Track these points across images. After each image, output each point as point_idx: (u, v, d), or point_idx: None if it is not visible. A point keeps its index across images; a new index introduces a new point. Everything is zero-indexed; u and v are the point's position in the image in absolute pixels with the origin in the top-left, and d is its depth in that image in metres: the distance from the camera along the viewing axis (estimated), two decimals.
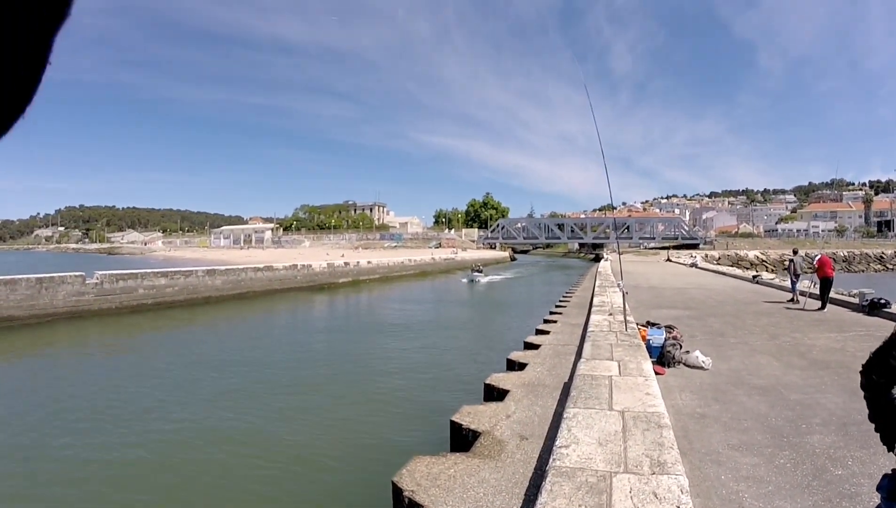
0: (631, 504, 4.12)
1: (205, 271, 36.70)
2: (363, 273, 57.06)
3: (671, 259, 66.41)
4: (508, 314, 32.97)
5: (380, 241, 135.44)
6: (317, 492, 9.07)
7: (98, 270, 30.04)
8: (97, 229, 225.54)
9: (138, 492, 9.26)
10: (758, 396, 8.46)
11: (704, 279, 34.98)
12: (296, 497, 9.01)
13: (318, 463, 10.21)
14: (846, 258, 74.53)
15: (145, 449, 10.94)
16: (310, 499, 8.88)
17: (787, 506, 4.95)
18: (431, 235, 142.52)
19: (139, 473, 10.08)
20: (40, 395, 14.33)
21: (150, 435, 11.76)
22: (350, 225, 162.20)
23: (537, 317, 20.68)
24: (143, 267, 35.63)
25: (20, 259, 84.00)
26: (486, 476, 5.85)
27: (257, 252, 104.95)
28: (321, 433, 11.78)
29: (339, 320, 32.78)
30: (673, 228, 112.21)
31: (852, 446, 6.30)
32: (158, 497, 9.10)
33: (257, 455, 10.52)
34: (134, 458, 10.62)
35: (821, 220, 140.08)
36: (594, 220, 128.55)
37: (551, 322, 17.19)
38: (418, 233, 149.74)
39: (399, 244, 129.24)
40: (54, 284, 26.51)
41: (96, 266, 33.07)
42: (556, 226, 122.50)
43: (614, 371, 8.19)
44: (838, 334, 13.67)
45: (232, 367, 17.67)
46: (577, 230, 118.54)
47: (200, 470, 10.05)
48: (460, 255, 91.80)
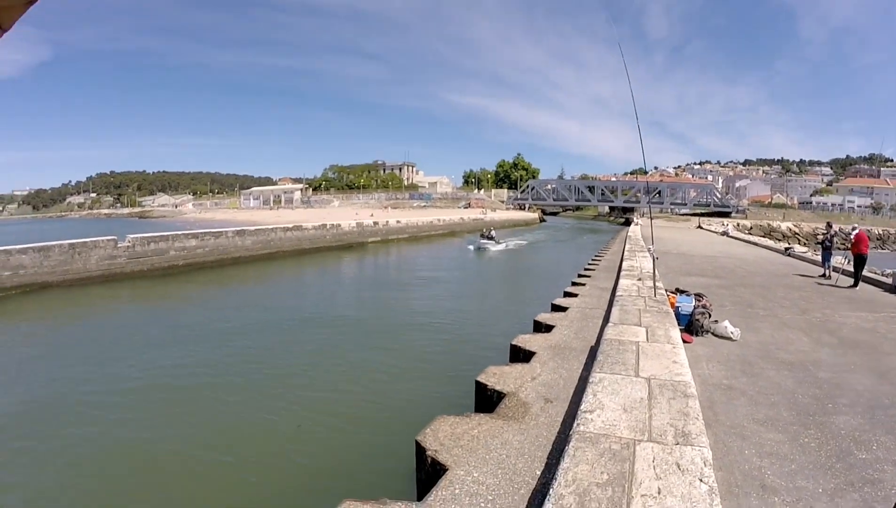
0: (653, 474, 4.12)
1: (234, 231, 37.11)
2: (392, 233, 57.23)
3: (702, 226, 65.72)
4: (535, 278, 32.91)
5: (409, 201, 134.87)
6: (342, 449, 9.21)
7: (130, 233, 30.51)
8: (128, 193, 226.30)
9: (177, 443, 9.56)
10: (786, 371, 8.39)
11: (735, 249, 34.57)
12: (321, 453, 9.17)
13: (344, 421, 10.37)
14: (881, 236, 73.00)
15: (180, 406, 11.26)
16: (335, 456, 9.03)
17: (808, 486, 4.93)
18: (460, 195, 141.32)
19: (179, 424, 10.41)
20: (69, 358, 14.65)
21: (182, 392, 12.08)
22: (379, 185, 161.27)
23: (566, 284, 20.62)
24: (173, 229, 35.97)
25: (52, 227, 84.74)
26: (509, 437, 5.88)
27: (286, 212, 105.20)
28: (347, 391, 11.95)
29: (367, 279, 33.02)
30: (705, 194, 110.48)
31: (878, 430, 6.22)
32: (188, 448, 9.36)
33: (283, 413, 10.73)
34: (173, 412, 10.97)
35: (857, 195, 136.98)
36: (625, 183, 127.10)
37: (579, 285, 17.11)
38: (447, 193, 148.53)
39: (428, 204, 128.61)
40: (87, 248, 27.05)
41: (128, 230, 33.43)
42: (586, 188, 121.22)
43: (642, 337, 8.14)
44: (869, 313, 13.44)
45: (260, 326, 17.93)
46: (608, 193, 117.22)
47: (230, 426, 10.29)
48: (489, 215, 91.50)
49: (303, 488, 8.01)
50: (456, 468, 5.22)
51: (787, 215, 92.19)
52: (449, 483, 4.96)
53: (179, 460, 8.89)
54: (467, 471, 5.15)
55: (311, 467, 8.63)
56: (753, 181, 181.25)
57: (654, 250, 13.91)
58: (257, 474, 8.43)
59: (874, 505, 4.65)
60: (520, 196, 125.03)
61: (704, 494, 3.84)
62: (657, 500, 3.77)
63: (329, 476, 8.39)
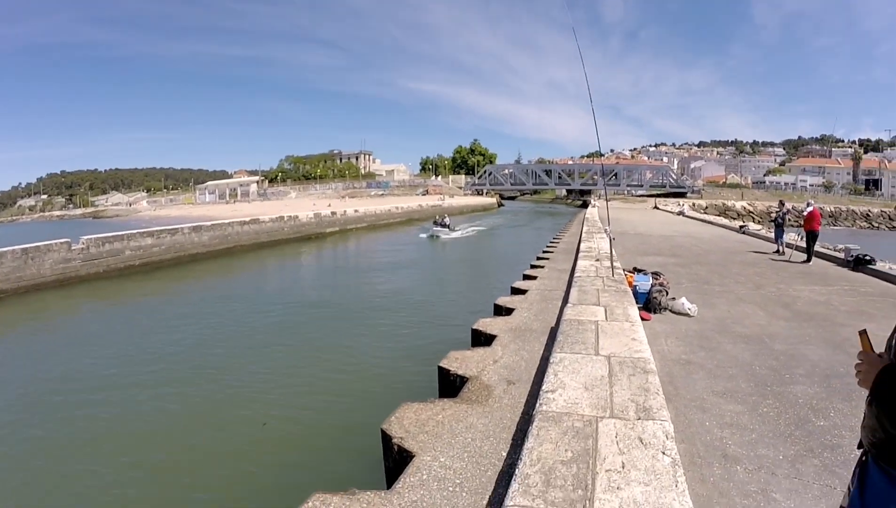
0: (616, 449, 4.15)
1: (190, 227, 36.14)
2: (350, 222, 56.77)
3: (658, 207, 66.62)
4: (495, 262, 33.05)
5: (366, 189, 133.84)
6: (308, 443, 9.15)
7: (84, 235, 29.43)
8: (80, 193, 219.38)
9: (135, 452, 9.35)
10: (742, 344, 8.54)
11: (691, 228, 35.12)
12: (288, 448, 9.08)
13: (309, 414, 10.29)
14: (832, 214, 75.03)
15: (140, 410, 11.04)
16: (302, 450, 8.96)
17: (769, 454, 5.02)
18: (418, 182, 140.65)
19: (137, 432, 10.20)
20: (32, 368, 14.25)
21: (144, 394, 11.86)
22: (336, 174, 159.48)
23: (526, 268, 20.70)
24: (128, 229, 35.07)
25: (2, 232, 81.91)
26: (473, 421, 5.88)
27: (243, 206, 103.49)
28: (311, 384, 11.85)
29: (326, 270, 32.80)
30: (661, 176, 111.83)
31: (835, 398, 6.37)
32: (153, 455, 9.19)
33: (248, 410, 10.58)
34: (131, 417, 10.74)
35: (809, 174, 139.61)
36: (582, 166, 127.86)
37: (538, 268, 17.20)
38: (405, 180, 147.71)
39: (386, 192, 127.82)
40: (40, 253, 25.92)
41: (82, 231, 32.43)
42: (543, 172, 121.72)
43: (601, 316, 8.19)
44: (823, 287, 13.76)
45: (219, 324, 17.63)
46: (565, 176, 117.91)
47: (192, 426, 10.14)
48: (447, 201, 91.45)
49: (272, 483, 7.92)
50: (422, 454, 5.21)
51: (742, 195, 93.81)
52: (416, 469, 4.94)
53: (141, 464, 8.73)
54: (434, 456, 5.14)
55: (279, 462, 8.54)
56: (708, 162, 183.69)
57: (610, 231, 14.04)
58: (224, 473, 8.32)
59: (834, 469, 4.75)
60: (477, 182, 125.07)
61: (668, 466, 3.87)
62: (621, 474, 3.79)
63: (297, 470, 8.32)
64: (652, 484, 3.66)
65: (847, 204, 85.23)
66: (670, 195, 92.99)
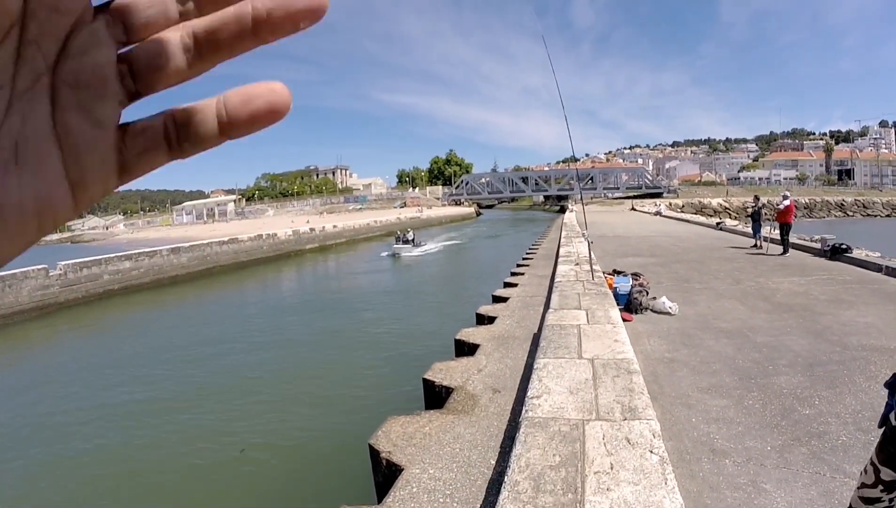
0: (604, 451, 4.14)
1: (169, 249, 35.83)
2: (329, 238, 56.59)
3: (636, 208, 66.91)
4: (476, 272, 33.10)
5: (344, 204, 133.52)
6: (296, 461, 9.07)
7: (61, 260, 29.00)
8: None
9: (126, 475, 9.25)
10: (725, 339, 8.58)
11: (669, 227, 35.32)
12: (275, 466, 9.00)
13: (296, 432, 10.22)
14: (808, 205, 76.14)
15: (127, 434, 10.94)
16: (290, 468, 8.88)
17: (756, 446, 5.04)
18: (396, 194, 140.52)
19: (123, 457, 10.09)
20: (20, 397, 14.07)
21: (134, 416, 11.75)
22: (313, 190, 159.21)
23: (507, 275, 20.70)
24: (106, 253, 34.73)
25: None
26: (460, 431, 5.85)
27: (221, 225, 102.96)
28: (296, 402, 11.78)
29: (307, 288, 32.58)
30: (637, 177, 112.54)
31: (819, 386, 6.41)
32: (140, 479, 9.08)
33: (235, 430, 10.50)
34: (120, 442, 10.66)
35: (782, 168, 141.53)
36: (558, 172, 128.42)
37: (519, 275, 17.23)
38: (382, 194, 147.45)
39: (364, 206, 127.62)
40: (17, 280, 25.41)
41: (59, 257, 32.01)
42: (520, 180, 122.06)
43: (582, 320, 8.20)
44: (801, 277, 13.88)
45: (200, 345, 17.51)
46: (542, 183, 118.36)
47: (179, 448, 10.03)
48: (426, 213, 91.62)
49: (262, 505, 7.85)
50: (411, 466, 5.19)
51: (717, 192, 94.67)
52: (406, 482, 4.93)
53: (127, 489, 8.62)
54: (423, 469, 5.12)
55: (268, 483, 8.45)
56: (683, 162, 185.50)
57: (588, 235, 14.08)
58: (212, 494, 8.23)
59: (822, 456, 4.78)
60: (454, 192, 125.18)
61: (656, 464, 3.87)
62: (610, 475, 3.79)
63: (287, 489, 8.23)
64: (641, 483, 3.65)
65: (821, 195, 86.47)
66: (647, 196, 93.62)
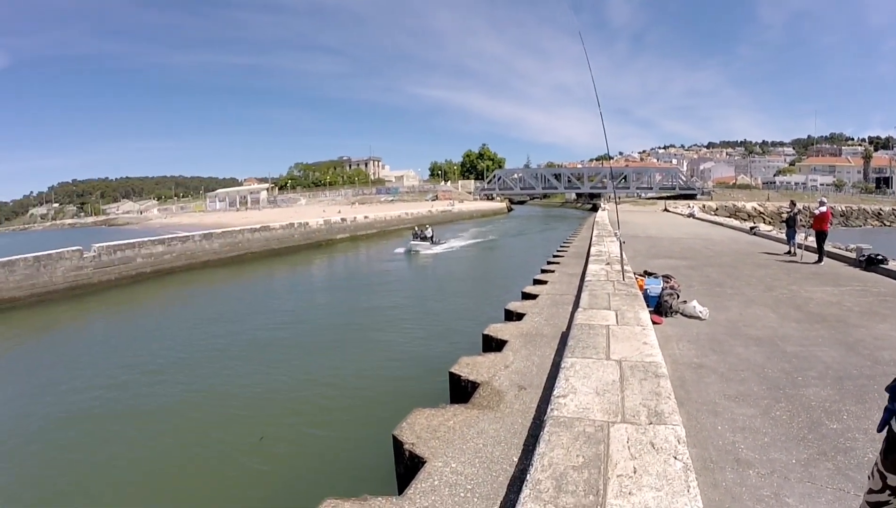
0: (628, 454, 4.14)
1: (201, 235, 36.67)
2: (360, 229, 57.01)
3: (668, 209, 66.29)
4: (507, 268, 33.03)
5: (376, 195, 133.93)
6: (320, 448, 9.21)
7: (96, 242, 29.80)
8: (92, 202, 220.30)
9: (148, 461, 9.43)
10: (754, 347, 8.50)
11: (702, 230, 34.95)
12: (298, 453, 9.12)
13: (321, 419, 10.37)
14: (843, 213, 74.58)
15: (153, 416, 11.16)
16: (313, 455, 9.00)
17: (781, 458, 5.00)
18: (427, 187, 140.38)
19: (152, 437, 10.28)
20: (45, 377, 14.37)
21: (157, 400, 11.99)
22: (345, 181, 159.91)
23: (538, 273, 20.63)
24: (140, 236, 35.37)
25: (14, 241, 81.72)
26: (484, 426, 5.89)
27: (253, 213, 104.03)
28: (323, 389, 11.92)
29: (337, 277, 32.87)
30: (670, 178, 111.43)
31: (848, 400, 6.32)
32: (170, 455, 9.28)
33: (260, 415, 10.66)
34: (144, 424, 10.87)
35: (819, 173, 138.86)
36: (591, 170, 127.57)
37: (549, 272, 17.18)
38: (414, 186, 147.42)
39: (395, 198, 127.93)
40: (52, 261, 26.30)
41: (94, 239, 32.71)
42: (552, 176, 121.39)
43: (612, 321, 8.16)
44: (834, 287, 13.65)
45: (232, 330, 17.81)
46: (574, 180, 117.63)
47: (206, 430, 10.23)
48: (457, 207, 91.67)
49: (284, 489, 7.95)
50: (434, 459, 5.23)
51: (752, 196, 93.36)
52: (428, 475, 4.97)
53: (154, 480, 8.78)
54: (445, 462, 5.16)
55: (291, 468, 8.57)
56: (717, 163, 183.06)
57: (620, 235, 14.02)
58: (236, 479, 8.36)
59: (848, 473, 4.72)
60: (486, 186, 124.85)
61: (679, 471, 3.86)
62: (633, 479, 3.79)
63: (309, 475, 8.35)
64: (664, 490, 3.65)
65: (858, 203, 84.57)
66: (680, 197, 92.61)
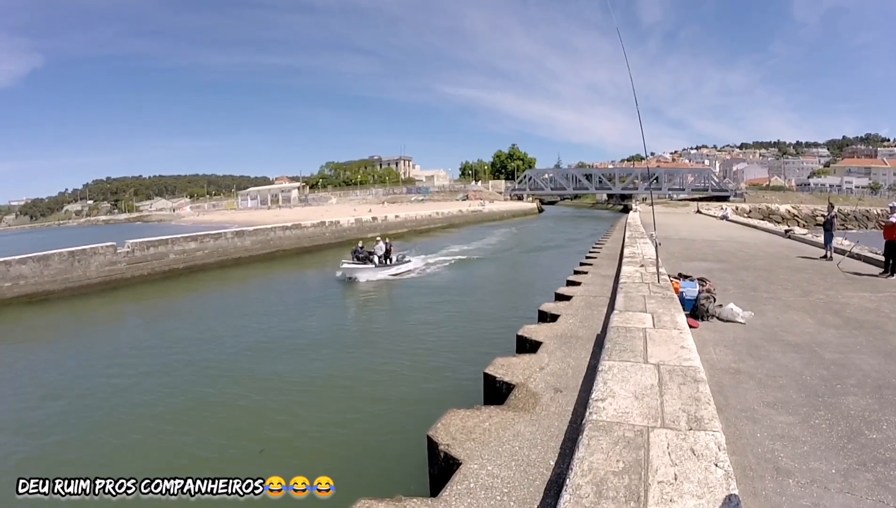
0: (668, 461, 4.14)
1: (233, 232, 37.25)
2: (391, 227, 57.22)
3: (701, 211, 65.73)
4: (541, 269, 32.95)
5: (406, 195, 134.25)
6: (354, 447, 9.26)
7: (129, 239, 30.51)
8: (125, 199, 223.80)
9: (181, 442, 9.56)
10: (792, 353, 8.39)
11: (735, 232, 34.62)
12: (333, 451, 9.20)
13: (355, 418, 10.43)
14: (880, 216, 73.24)
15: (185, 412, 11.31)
16: (347, 454, 9.06)
17: (821, 468, 4.94)
18: (458, 187, 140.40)
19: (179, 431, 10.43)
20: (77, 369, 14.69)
21: (188, 395, 12.16)
22: (376, 180, 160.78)
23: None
24: (172, 233, 35.98)
25: (50, 236, 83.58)
26: (520, 429, 5.88)
27: (284, 211, 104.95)
28: (357, 388, 12.00)
29: None
30: (703, 179, 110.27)
31: (888, 410, 6.22)
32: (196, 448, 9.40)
33: (295, 413, 10.74)
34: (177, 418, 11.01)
35: (854, 175, 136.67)
36: (622, 170, 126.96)
37: (582, 273, 17.08)
38: (445, 186, 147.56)
39: (426, 198, 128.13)
40: (86, 256, 27.01)
41: (127, 235, 33.31)
42: (583, 176, 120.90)
43: (648, 324, 8.14)
44: (872, 293, 13.39)
45: (261, 327, 17.96)
46: (605, 181, 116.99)
47: (239, 427, 10.32)
48: (488, 207, 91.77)
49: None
50: (469, 461, 5.21)
51: (786, 198, 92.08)
52: (463, 477, 4.95)
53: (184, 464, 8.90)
54: (481, 464, 5.15)
55: (324, 466, 8.63)
56: (750, 165, 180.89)
57: (656, 236, 13.90)
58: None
59: (887, 484, 4.66)
60: (517, 187, 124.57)
61: (720, 479, 3.86)
62: (674, 486, 3.79)
63: (342, 474, 8.39)
64: (705, 497, 3.65)
65: None
66: (713, 199, 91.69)
